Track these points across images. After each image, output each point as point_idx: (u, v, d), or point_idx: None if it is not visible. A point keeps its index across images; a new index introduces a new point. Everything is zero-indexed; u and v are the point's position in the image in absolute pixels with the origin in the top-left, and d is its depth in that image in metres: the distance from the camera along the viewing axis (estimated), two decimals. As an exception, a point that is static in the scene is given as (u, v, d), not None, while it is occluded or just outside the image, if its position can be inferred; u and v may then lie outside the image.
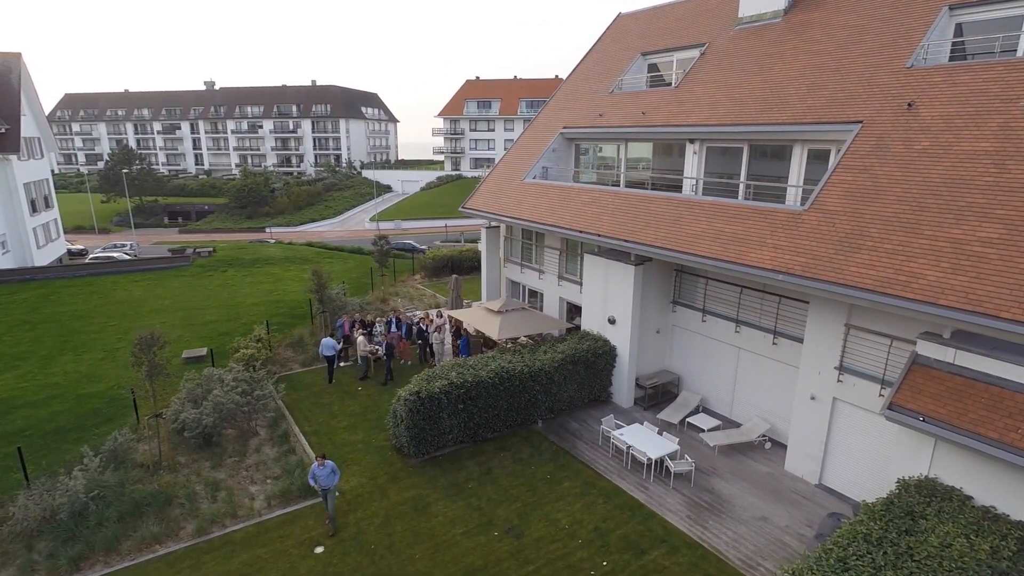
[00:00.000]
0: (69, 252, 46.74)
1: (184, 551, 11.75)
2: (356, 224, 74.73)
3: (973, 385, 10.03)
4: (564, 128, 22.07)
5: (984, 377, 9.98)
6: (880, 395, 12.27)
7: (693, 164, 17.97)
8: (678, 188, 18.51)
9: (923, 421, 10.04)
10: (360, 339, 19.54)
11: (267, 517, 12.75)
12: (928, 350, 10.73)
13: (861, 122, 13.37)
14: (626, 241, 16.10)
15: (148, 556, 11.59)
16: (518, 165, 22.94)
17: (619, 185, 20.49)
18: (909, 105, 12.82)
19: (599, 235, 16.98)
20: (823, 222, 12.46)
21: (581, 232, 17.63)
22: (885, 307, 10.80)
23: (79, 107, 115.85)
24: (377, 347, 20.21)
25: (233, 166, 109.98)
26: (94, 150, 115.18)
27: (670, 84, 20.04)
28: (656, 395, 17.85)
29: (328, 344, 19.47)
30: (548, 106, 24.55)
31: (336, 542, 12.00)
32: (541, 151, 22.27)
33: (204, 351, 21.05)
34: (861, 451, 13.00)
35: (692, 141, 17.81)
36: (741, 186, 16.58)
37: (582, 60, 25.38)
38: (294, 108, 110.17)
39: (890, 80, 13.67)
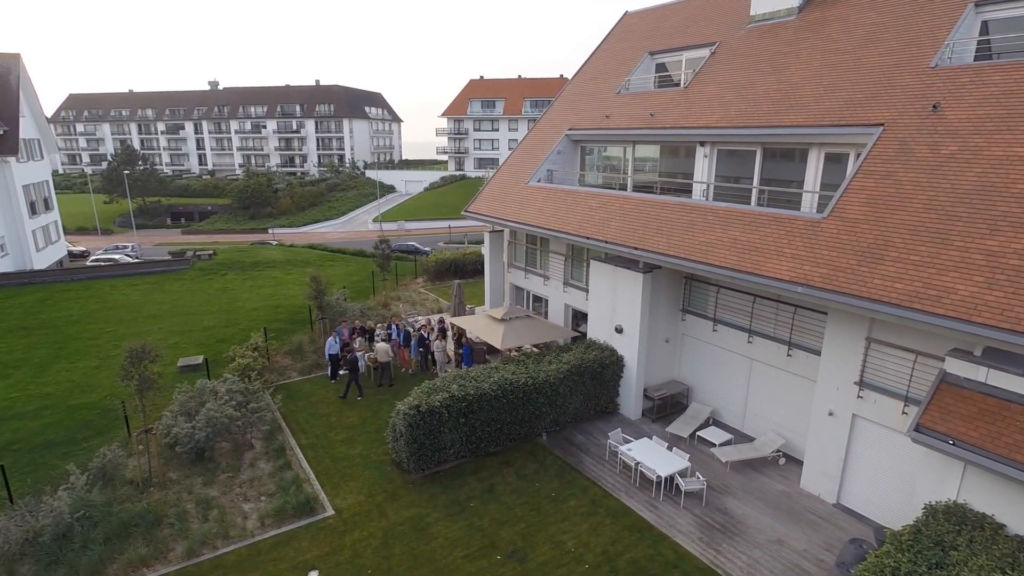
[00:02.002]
0: (70, 254, 46.35)
1: (173, 575, 11.24)
2: (359, 225, 74.33)
3: (1008, 407, 9.40)
4: (570, 130, 21.46)
5: (1020, 399, 9.35)
6: (904, 413, 11.64)
7: (703, 167, 17.33)
8: (688, 191, 17.89)
9: (953, 445, 9.42)
10: (381, 345, 19.13)
11: (260, 538, 12.20)
12: (958, 368, 10.09)
13: (883, 124, 12.71)
14: (636, 249, 15.48)
15: (135, 581, 11.09)
16: (522, 168, 22.35)
17: (626, 188, 19.89)
18: (934, 107, 12.15)
19: (607, 242, 16.37)
20: (844, 231, 11.81)
21: (589, 238, 17.02)
22: (913, 323, 10.17)
23: (83, 107, 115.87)
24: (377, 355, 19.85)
25: (237, 166, 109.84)
26: (98, 150, 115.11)
27: (679, 84, 19.39)
28: (665, 406, 17.23)
29: (331, 344, 19.60)
30: (553, 107, 23.93)
31: (332, 566, 11.44)
32: (546, 153, 21.67)
33: (200, 359, 20.55)
34: (882, 471, 12.35)
35: (703, 144, 17.17)
36: (754, 191, 15.94)
37: (588, 60, 24.73)
38: (298, 108, 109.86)
39: (913, 80, 13.00)
